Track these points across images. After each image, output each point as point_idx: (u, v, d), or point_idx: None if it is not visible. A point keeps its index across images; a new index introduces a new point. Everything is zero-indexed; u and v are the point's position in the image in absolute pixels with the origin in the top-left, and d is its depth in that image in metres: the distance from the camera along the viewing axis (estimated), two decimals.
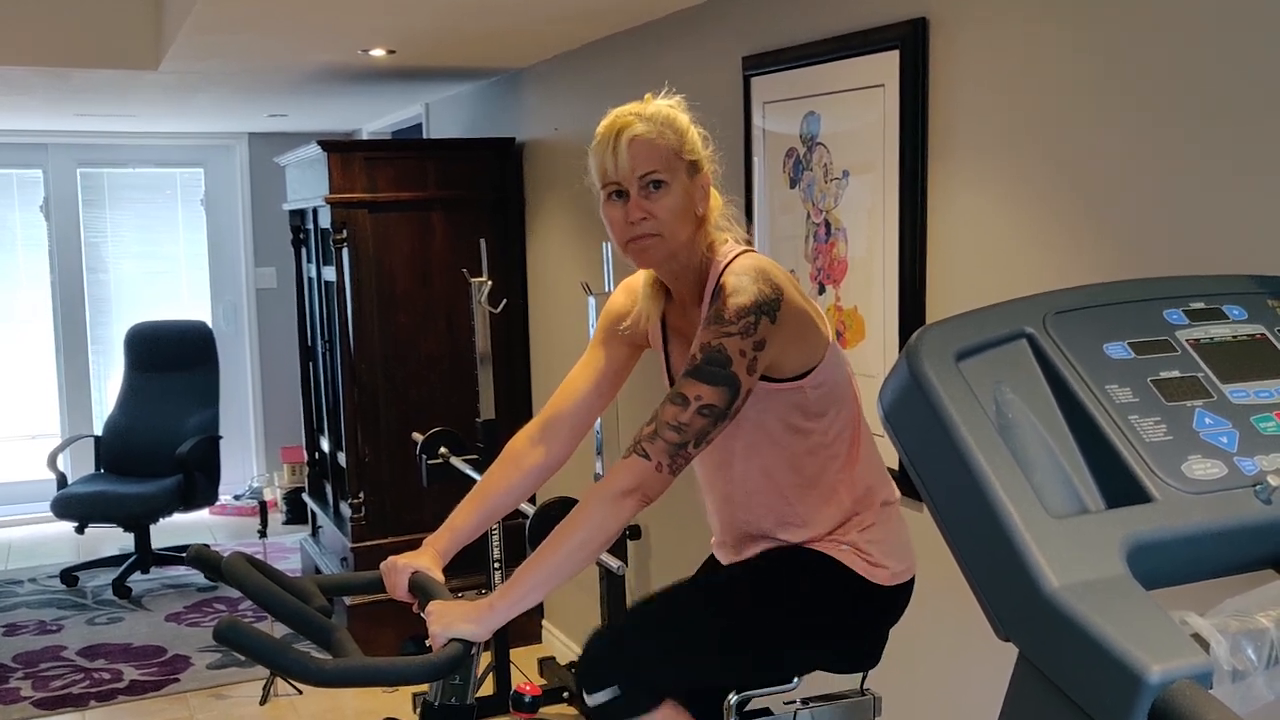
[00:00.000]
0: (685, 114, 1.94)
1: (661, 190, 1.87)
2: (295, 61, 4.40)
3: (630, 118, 1.89)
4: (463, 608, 1.80)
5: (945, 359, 1.26)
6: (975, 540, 1.19)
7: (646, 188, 1.87)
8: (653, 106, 1.92)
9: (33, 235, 7.26)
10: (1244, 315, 1.38)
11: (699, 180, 1.92)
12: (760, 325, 1.78)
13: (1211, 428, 1.25)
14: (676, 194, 1.88)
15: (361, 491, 4.81)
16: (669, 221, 1.88)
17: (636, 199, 1.87)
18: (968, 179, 2.42)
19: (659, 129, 1.88)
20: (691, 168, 1.91)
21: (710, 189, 1.96)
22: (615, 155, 1.87)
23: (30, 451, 7.19)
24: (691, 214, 1.91)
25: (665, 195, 1.87)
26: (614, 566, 3.45)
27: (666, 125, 1.89)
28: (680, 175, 1.89)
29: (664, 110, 1.91)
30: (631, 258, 1.94)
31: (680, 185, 1.89)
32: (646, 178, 1.87)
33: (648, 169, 1.86)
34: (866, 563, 1.96)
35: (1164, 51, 1.97)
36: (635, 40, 3.81)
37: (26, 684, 4.63)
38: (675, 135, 1.89)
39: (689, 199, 1.90)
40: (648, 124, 1.88)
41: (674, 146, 1.88)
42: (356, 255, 4.70)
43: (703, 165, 1.93)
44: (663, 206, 1.87)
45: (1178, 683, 0.99)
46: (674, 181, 1.88)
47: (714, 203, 1.97)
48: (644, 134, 1.87)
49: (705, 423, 1.77)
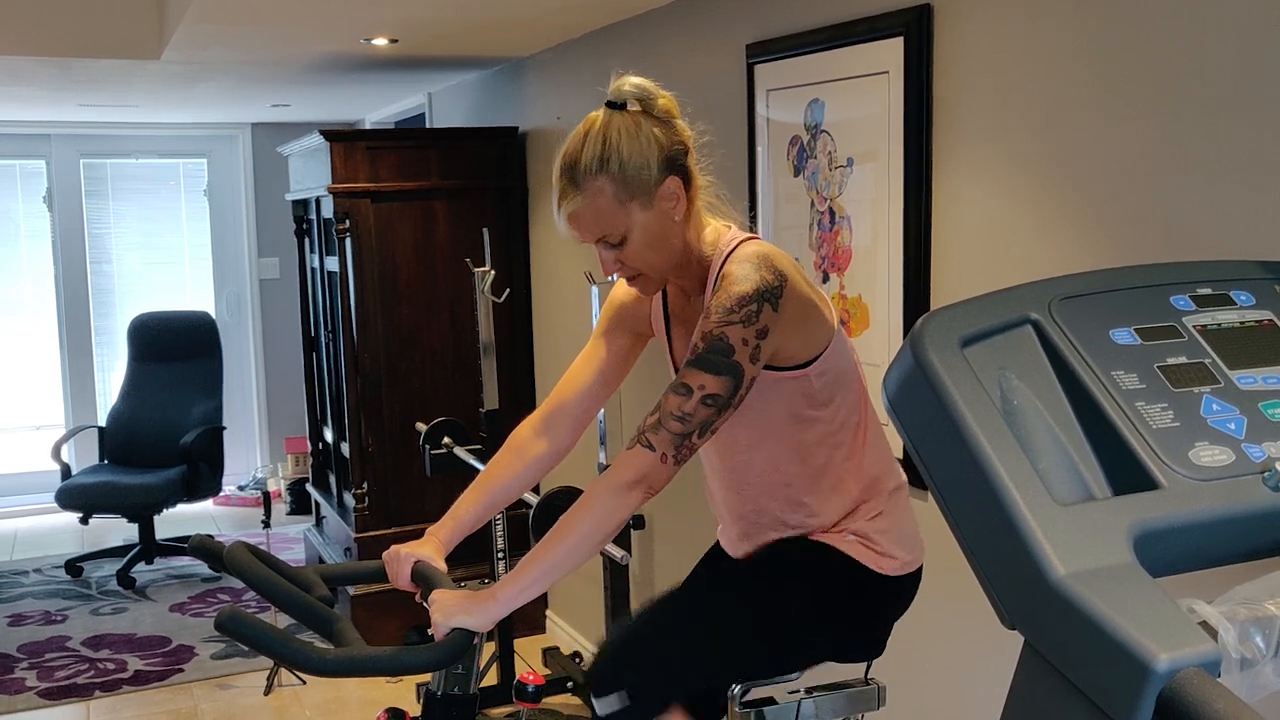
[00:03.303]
0: (618, 124, 1.82)
1: (622, 243, 1.86)
2: (298, 51, 4.39)
3: (564, 184, 1.84)
4: (466, 597, 1.79)
5: (950, 345, 1.25)
6: (980, 528, 1.18)
7: (606, 247, 1.87)
8: (586, 150, 1.82)
9: (36, 226, 7.26)
10: (1251, 301, 1.37)
11: (659, 201, 1.84)
12: (763, 313, 1.77)
13: (1219, 414, 1.24)
14: (637, 238, 1.85)
15: (365, 481, 4.80)
16: (643, 261, 1.88)
17: (603, 253, 1.88)
18: (972, 166, 2.40)
19: (591, 191, 1.81)
20: (644, 204, 1.83)
21: (681, 190, 1.86)
22: (563, 226, 1.87)
23: (34, 442, 7.20)
24: (667, 235, 1.87)
25: (627, 245, 1.86)
26: (618, 556, 3.44)
27: (600, 175, 1.80)
28: (633, 215, 1.83)
29: (592, 151, 1.81)
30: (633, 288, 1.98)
31: (639, 226, 1.84)
32: (601, 241, 1.87)
33: (597, 235, 1.86)
34: (875, 553, 1.95)
35: (1170, 39, 1.96)
36: (638, 28, 3.80)
37: (32, 674, 4.64)
38: (610, 181, 1.81)
39: (655, 227, 1.85)
40: (580, 191, 1.82)
41: (614, 200, 1.82)
42: (359, 245, 4.69)
43: (654, 188, 1.83)
44: (629, 253, 1.87)
45: (1185, 671, 0.98)
46: (630, 228, 1.84)
47: (697, 188, 1.90)
48: (578, 210, 1.83)
49: (709, 412, 1.76)
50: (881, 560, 1.95)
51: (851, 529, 1.97)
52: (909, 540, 2.01)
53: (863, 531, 1.96)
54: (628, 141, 1.82)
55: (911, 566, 2.00)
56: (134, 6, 4.28)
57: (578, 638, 4.64)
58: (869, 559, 1.95)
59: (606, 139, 1.82)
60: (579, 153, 1.84)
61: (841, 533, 1.97)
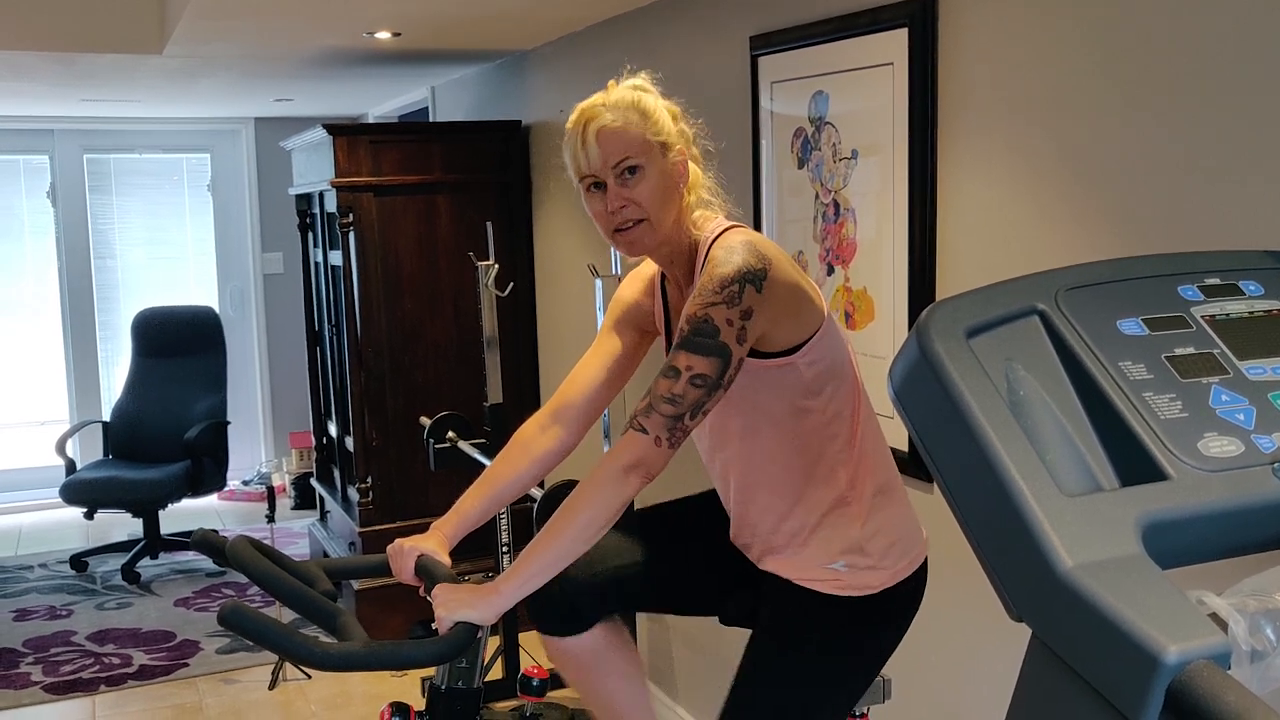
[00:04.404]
0: (651, 94, 1.94)
1: (637, 175, 1.87)
2: (300, 45, 4.38)
3: (596, 109, 1.90)
4: (469, 591, 1.79)
5: (956, 336, 1.24)
6: (987, 520, 1.17)
7: (622, 175, 1.87)
8: (616, 93, 1.92)
9: (40, 221, 7.26)
10: (1260, 291, 1.36)
11: (674, 159, 1.92)
12: (745, 294, 1.78)
13: (1228, 405, 1.23)
14: (653, 177, 1.88)
15: (369, 476, 4.80)
16: (651, 205, 1.88)
17: (614, 188, 1.88)
18: (977, 158, 2.39)
19: (624, 116, 1.88)
20: (663, 149, 1.90)
21: (689, 166, 1.95)
22: (586, 149, 1.88)
23: (39, 437, 7.21)
24: (673, 194, 1.91)
25: (642, 180, 1.87)
26: None
27: (632, 110, 1.89)
28: (654, 157, 1.89)
29: (628, 95, 1.91)
30: (621, 248, 1.95)
31: (656, 168, 1.89)
32: (620, 165, 1.87)
33: (620, 157, 1.87)
34: (869, 569, 1.94)
35: (1175, 29, 1.95)
36: (641, 21, 3.79)
37: (37, 669, 4.64)
38: (641, 119, 1.89)
39: (667, 179, 1.90)
40: (613, 112, 1.88)
41: (642, 131, 1.88)
42: (362, 239, 4.69)
43: (671, 144, 1.91)
44: (641, 192, 1.87)
45: (1195, 663, 0.97)
46: (649, 165, 1.88)
47: (694, 179, 1.96)
48: (610, 124, 1.87)
49: (699, 393, 1.77)
50: (874, 575, 1.93)
51: (841, 546, 1.94)
52: (905, 538, 1.99)
53: (853, 544, 1.94)
54: (653, 99, 1.93)
55: (905, 572, 1.97)
56: (136, 2, 4.28)
57: None
58: (862, 585, 1.93)
59: (636, 90, 1.93)
60: (608, 93, 1.93)
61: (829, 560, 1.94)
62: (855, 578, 1.93)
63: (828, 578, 1.94)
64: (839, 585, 1.93)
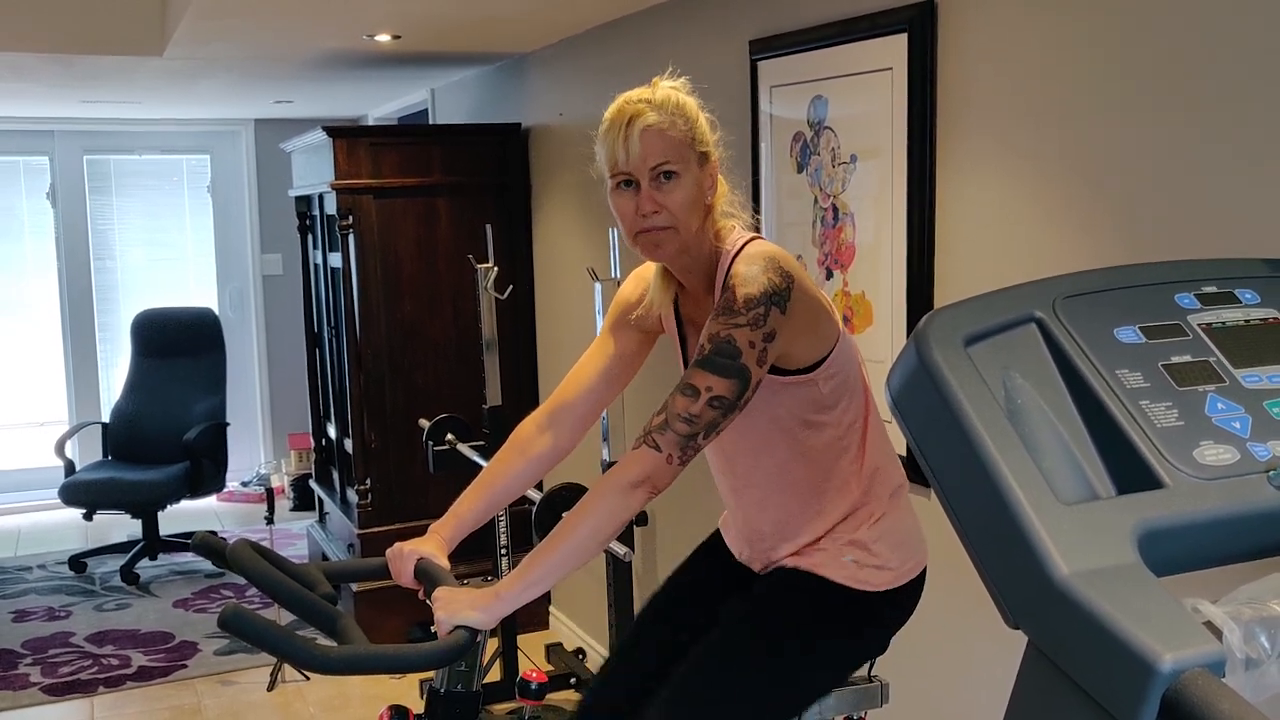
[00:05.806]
0: (693, 98, 1.91)
1: (673, 181, 1.84)
2: (300, 47, 4.39)
3: (641, 105, 1.85)
4: (469, 595, 1.79)
5: (954, 344, 1.25)
6: (984, 527, 1.17)
7: (658, 179, 1.84)
8: (662, 92, 1.88)
9: (39, 222, 7.26)
10: (1256, 299, 1.36)
11: (709, 169, 1.89)
12: (770, 316, 1.76)
13: (1224, 413, 1.23)
14: (688, 185, 1.85)
15: (368, 478, 4.81)
16: (681, 213, 1.84)
17: (648, 190, 1.84)
18: (976, 163, 2.40)
19: (671, 118, 1.84)
20: (702, 158, 1.88)
21: (718, 176, 1.93)
22: (627, 145, 1.83)
23: (38, 438, 7.20)
24: (701, 204, 1.88)
25: (677, 187, 1.84)
26: (621, 553, 3.44)
27: (678, 113, 1.85)
28: (691, 165, 1.86)
29: (674, 96, 1.87)
30: (642, 251, 1.90)
31: (692, 176, 1.85)
32: (659, 168, 1.83)
33: (660, 160, 1.83)
34: (873, 568, 1.94)
35: (1175, 34, 1.95)
36: (641, 24, 3.79)
37: (35, 670, 4.64)
38: (686, 124, 1.85)
39: (700, 189, 1.87)
40: (659, 113, 1.84)
41: (685, 136, 1.85)
42: (362, 241, 4.69)
43: (712, 154, 1.90)
44: (674, 199, 1.84)
45: (1190, 671, 0.97)
46: (685, 172, 1.85)
47: (721, 190, 1.94)
48: (656, 124, 1.83)
49: (715, 414, 1.76)
50: (878, 575, 1.94)
51: (850, 538, 1.95)
52: (910, 542, 2.00)
53: (861, 542, 1.95)
54: (695, 105, 1.90)
55: (908, 575, 1.98)
56: (137, 3, 4.28)
57: (581, 634, 4.64)
58: (865, 580, 1.94)
59: (679, 92, 1.89)
60: (654, 90, 1.88)
61: (839, 553, 1.95)
62: (862, 573, 1.95)
63: (835, 566, 1.95)
64: (845, 575, 1.94)
